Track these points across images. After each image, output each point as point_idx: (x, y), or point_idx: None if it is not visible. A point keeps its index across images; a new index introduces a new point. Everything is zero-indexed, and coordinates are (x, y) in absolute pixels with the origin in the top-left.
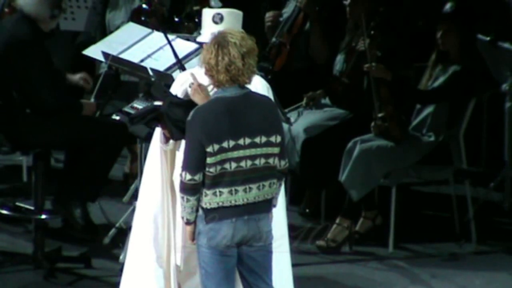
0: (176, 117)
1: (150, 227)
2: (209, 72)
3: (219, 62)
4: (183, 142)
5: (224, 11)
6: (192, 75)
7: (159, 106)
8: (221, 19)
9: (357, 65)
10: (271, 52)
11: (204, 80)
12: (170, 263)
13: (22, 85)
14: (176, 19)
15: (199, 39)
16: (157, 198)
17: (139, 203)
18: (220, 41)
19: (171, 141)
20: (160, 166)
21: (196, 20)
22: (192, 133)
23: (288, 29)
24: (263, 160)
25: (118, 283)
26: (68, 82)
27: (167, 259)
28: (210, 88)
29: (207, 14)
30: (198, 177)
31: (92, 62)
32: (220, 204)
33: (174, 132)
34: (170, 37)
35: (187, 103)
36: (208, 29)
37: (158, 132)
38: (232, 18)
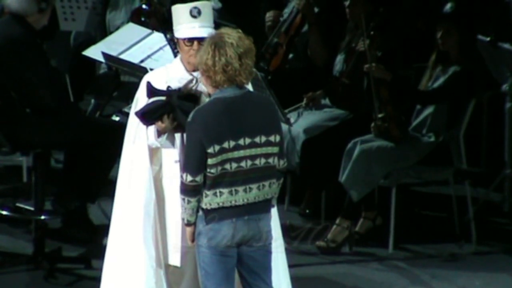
0: (189, 109)
1: (139, 227)
2: (206, 73)
3: (216, 63)
4: (178, 139)
5: (200, 4)
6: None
7: (169, 100)
8: (199, 12)
9: (357, 65)
10: (267, 52)
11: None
12: (161, 264)
13: (19, 85)
14: None
15: (177, 35)
16: (145, 197)
17: (120, 202)
18: (217, 41)
19: (164, 136)
20: (149, 165)
21: None
22: (193, 134)
23: (285, 30)
24: (263, 160)
25: None
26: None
27: (156, 260)
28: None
29: (182, 9)
30: (199, 178)
31: (92, 63)
32: (221, 204)
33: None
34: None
35: (194, 96)
36: (187, 24)
37: (147, 129)
38: (208, 9)
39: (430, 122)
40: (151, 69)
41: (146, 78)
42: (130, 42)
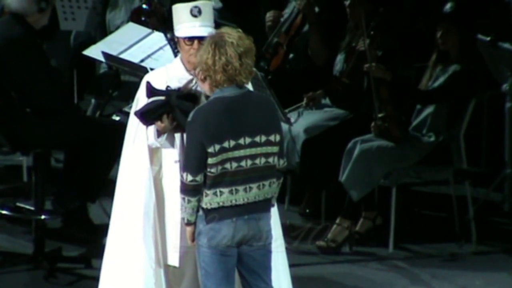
0: (188, 109)
1: (139, 227)
2: (206, 72)
3: (216, 62)
4: (177, 139)
5: (200, 3)
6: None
7: (168, 100)
8: (200, 11)
9: (357, 65)
10: (267, 52)
11: (178, 73)
12: (161, 264)
13: (19, 85)
14: None
15: (177, 34)
16: (145, 197)
17: (119, 202)
18: (217, 41)
19: (164, 136)
20: (149, 165)
21: None
22: (193, 134)
23: (286, 30)
24: (263, 159)
25: None
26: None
27: (156, 260)
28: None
29: (183, 8)
30: (199, 177)
31: (92, 62)
32: (221, 204)
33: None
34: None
35: (193, 96)
36: (187, 23)
37: (147, 129)
38: (209, 9)
39: (430, 122)
40: (151, 69)
41: (146, 78)
42: (130, 41)
